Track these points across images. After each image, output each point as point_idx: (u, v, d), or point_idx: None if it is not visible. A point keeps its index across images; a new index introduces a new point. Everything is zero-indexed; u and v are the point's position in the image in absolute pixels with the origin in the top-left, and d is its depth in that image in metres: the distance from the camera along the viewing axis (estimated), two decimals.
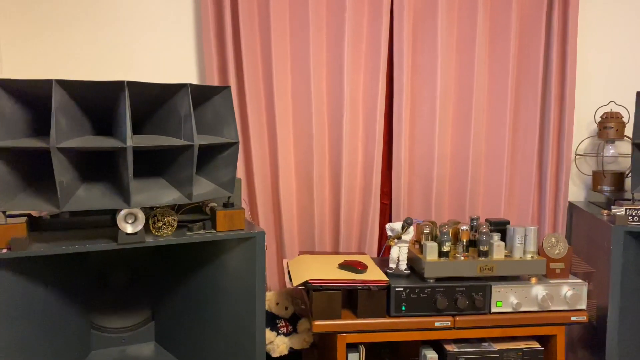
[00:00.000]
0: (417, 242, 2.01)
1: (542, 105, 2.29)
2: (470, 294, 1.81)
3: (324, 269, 1.85)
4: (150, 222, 1.53)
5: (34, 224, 1.59)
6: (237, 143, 1.60)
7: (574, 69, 2.25)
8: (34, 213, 1.65)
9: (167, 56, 2.12)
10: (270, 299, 2.09)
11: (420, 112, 2.25)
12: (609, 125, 2.25)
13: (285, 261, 2.07)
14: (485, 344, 1.87)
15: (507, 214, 2.34)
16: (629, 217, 1.86)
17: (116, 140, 1.38)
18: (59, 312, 1.57)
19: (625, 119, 2.28)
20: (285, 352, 2.04)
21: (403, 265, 1.89)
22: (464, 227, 1.91)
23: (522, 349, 1.84)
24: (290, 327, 2.08)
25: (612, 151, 2.31)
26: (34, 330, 1.48)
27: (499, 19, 2.23)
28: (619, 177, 2.28)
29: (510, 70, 2.23)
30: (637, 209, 1.86)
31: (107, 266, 1.79)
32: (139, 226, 1.47)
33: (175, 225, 1.57)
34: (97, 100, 1.40)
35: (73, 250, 1.40)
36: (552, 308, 1.85)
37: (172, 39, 2.12)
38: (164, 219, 1.55)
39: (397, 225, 1.89)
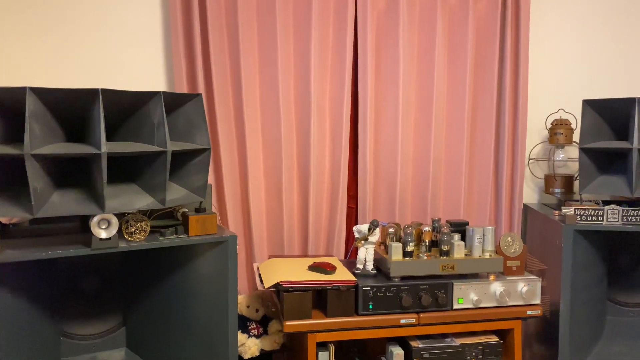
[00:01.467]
0: (382, 243, 2.10)
1: (497, 113, 2.42)
2: (433, 292, 1.90)
3: (294, 271, 1.90)
4: (123, 227, 1.55)
5: (1, 232, 1.58)
6: (209, 149, 1.64)
7: (526, 80, 2.39)
8: (3, 220, 1.64)
9: (136, 65, 2.13)
10: (241, 302, 2.12)
11: (384, 119, 2.34)
12: (558, 132, 2.39)
13: (255, 265, 2.11)
14: (448, 339, 1.96)
15: (466, 215, 2.46)
16: (578, 217, 1.99)
17: (90, 147, 1.39)
18: (27, 320, 1.55)
19: (573, 126, 2.44)
20: (257, 353, 2.08)
21: (370, 266, 1.97)
22: (427, 228, 2.00)
23: (482, 342, 1.94)
24: (261, 329, 2.12)
25: (562, 156, 2.45)
26: (2, 339, 1.46)
27: (456, 33, 2.36)
28: (569, 180, 2.43)
29: (467, 80, 2.35)
30: (585, 209, 1.99)
31: (77, 272, 1.78)
32: (113, 231, 1.48)
33: (148, 230, 1.59)
34: (70, 108, 1.42)
35: (47, 256, 1.41)
36: (510, 303, 1.96)
37: (140, 48, 2.13)
38: (137, 224, 1.57)
39: (363, 227, 1.96)
